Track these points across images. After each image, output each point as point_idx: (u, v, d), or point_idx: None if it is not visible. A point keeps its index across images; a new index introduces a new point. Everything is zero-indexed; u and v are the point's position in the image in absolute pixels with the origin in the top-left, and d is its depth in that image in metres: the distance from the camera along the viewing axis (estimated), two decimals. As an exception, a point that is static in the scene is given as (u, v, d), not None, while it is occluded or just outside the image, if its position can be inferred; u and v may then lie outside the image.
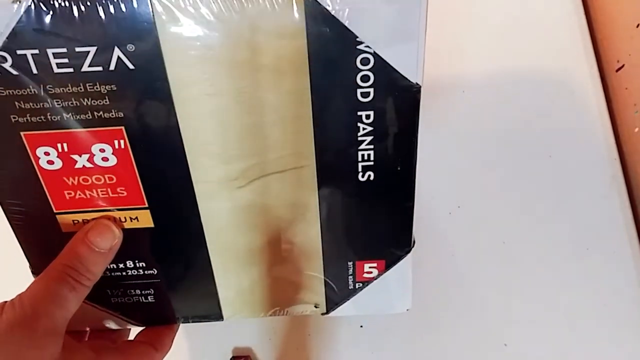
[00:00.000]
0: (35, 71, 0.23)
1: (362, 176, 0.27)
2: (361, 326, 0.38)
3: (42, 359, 0.23)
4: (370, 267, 0.30)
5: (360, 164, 0.26)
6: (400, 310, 0.31)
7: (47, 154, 0.25)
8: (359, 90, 0.24)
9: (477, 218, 0.39)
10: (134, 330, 0.31)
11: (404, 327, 0.37)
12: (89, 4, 0.22)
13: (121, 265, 0.28)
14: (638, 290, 0.38)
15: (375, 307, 0.31)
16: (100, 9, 0.22)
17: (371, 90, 0.24)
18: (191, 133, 0.25)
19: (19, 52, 0.22)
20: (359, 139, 0.25)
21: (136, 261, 0.28)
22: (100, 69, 0.23)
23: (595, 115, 0.41)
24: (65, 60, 0.22)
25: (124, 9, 0.22)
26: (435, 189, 0.40)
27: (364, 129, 0.25)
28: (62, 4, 0.22)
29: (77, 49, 0.22)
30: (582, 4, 0.44)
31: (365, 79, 0.24)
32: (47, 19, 0.22)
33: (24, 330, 0.23)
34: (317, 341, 0.37)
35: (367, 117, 0.25)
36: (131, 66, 0.23)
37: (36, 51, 0.22)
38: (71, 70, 0.23)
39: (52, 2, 0.21)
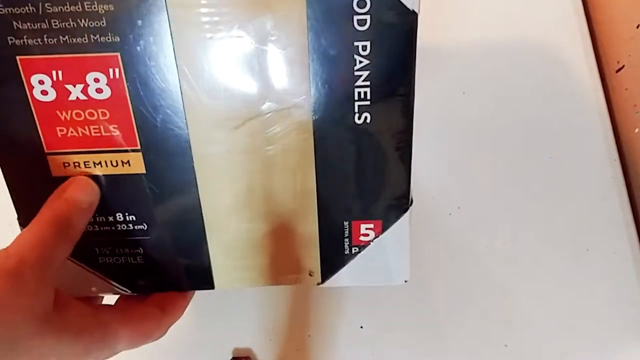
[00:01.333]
0: None
1: (359, 118, 0.26)
2: (361, 327, 0.38)
3: (35, 307, 0.23)
4: (366, 229, 0.29)
5: (356, 104, 0.25)
6: (398, 282, 0.30)
7: (41, 82, 0.24)
8: (355, 17, 0.23)
9: (477, 219, 0.39)
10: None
11: (404, 328, 0.37)
12: None
13: (110, 219, 0.28)
14: (638, 290, 0.38)
15: (371, 277, 0.30)
16: None
17: (368, 17, 0.23)
18: (189, 67, 0.24)
19: None
20: (356, 73, 0.25)
21: (126, 214, 0.28)
22: None
23: (596, 115, 0.41)
24: None
25: None
26: (435, 190, 0.40)
27: (360, 62, 0.24)
28: None
29: None
30: (582, 4, 0.44)
31: (361, 4, 0.23)
32: None
33: (11, 278, 0.22)
34: (317, 342, 0.37)
35: (364, 48, 0.24)
36: None
37: None
38: None
39: None
